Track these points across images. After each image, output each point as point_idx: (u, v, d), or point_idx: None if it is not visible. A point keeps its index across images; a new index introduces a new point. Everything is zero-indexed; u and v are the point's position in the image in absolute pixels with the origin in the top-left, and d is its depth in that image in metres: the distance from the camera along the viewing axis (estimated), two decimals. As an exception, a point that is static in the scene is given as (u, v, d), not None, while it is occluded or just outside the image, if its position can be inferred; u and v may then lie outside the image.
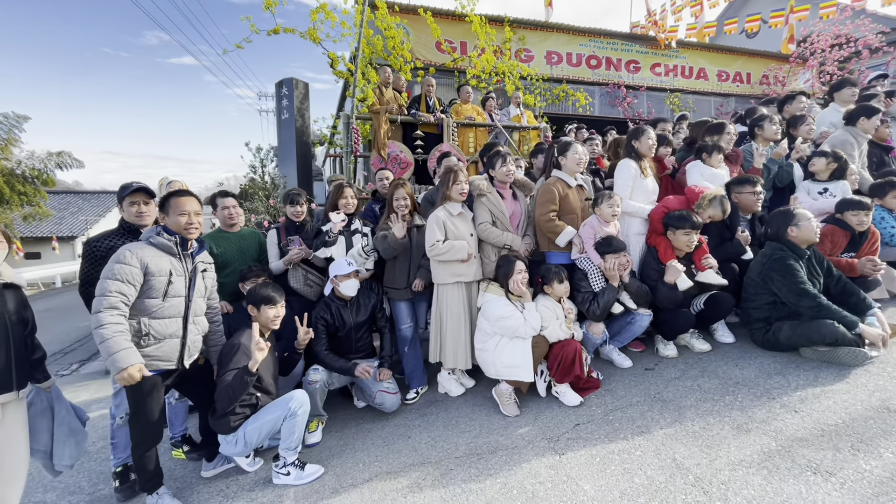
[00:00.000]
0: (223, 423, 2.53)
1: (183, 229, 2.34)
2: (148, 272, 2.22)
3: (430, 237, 3.14)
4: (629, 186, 3.29)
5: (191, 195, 2.42)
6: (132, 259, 2.18)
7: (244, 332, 2.62)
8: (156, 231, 2.34)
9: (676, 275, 2.95)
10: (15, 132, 17.89)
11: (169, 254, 2.31)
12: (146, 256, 2.23)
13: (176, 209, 2.33)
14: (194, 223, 2.37)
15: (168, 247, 2.31)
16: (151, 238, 2.30)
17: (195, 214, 2.38)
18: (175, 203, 2.34)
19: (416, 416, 3.10)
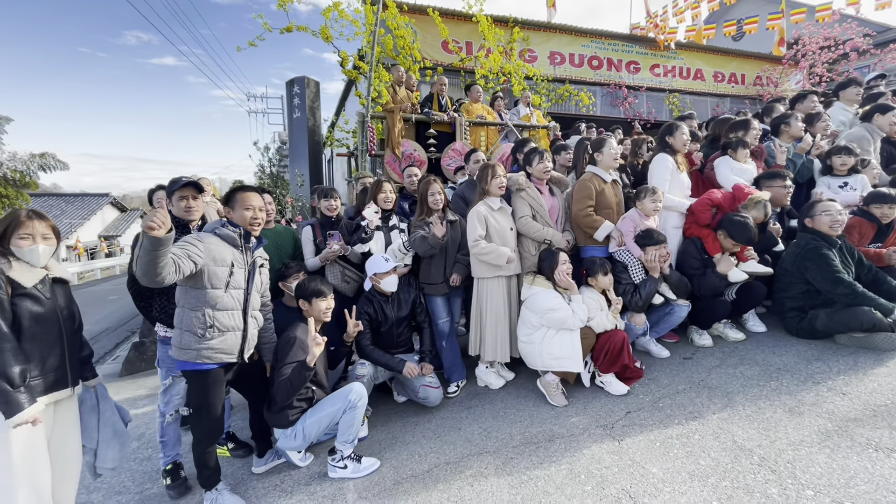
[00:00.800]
0: (281, 417, 2.53)
1: (247, 224, 2.36)
2: (213, 259, 2.23)
3: (472, 232, 3.17)
4: (667, 180, 3.38)
5: (256, 191, 2.43)
6: (197, 241, 2.19)
7: (298, 327, 2.62)
8: (220, 223, 2.34)
9: (730, 266, 3.04)
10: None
11: (232, 245, 2.32)
12: (211, 244, 2.24)
13: (242, 203, 2.35)
14: (258, 218, 2.39)
15: (232, 238, 2.31)
16: (217, 229, 2.31)
17: (259, 210, 2.39)
18: (241, 198, 2.36)
19: (461, 408, 3.12)
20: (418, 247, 3.22)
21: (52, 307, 2.04)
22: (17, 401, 1.83)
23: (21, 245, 1.94)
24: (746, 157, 3.65)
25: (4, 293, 1.87)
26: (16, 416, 1.82)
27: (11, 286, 1.91)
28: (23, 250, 1.95)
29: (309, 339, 2.45)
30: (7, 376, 1.83)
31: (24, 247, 1.95)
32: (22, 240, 1.95)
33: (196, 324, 2.20)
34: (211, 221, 2.43)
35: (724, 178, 3.57)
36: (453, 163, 6.50)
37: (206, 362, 2.24)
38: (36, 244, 1.98)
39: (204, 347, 2.21)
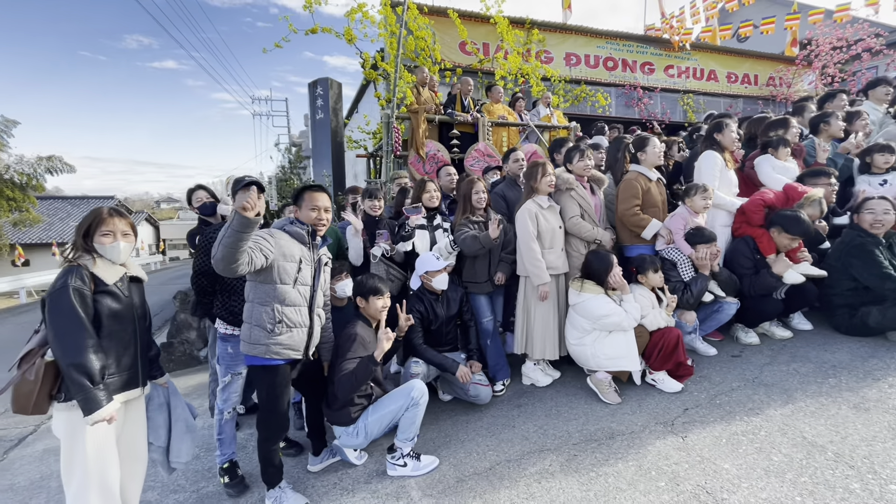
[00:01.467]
0: (343, 414, 2.53)
1: (313, 222, 2.38)
2: (282, 254, 2.25)
3: (523, 229, 3.18)
4: (716, 178, 3.38)
5: (324, 191, 2.45)
6: (268, 236, 2.22)
7: (357, 324, 2.63)
8: (289, 220, 2.36)
9: (786, 268, 3.05)
10: (3, 137, 17.51)
11: (300, 242, 2.34)
12: (281, 240, 2.26)
13: (309, 203, 2.37)
14: (323, 219, 2.42)
15: (300, 235, 2.34)
16: (286, 226, 2.34)
17: (325, 210, 2.42)
18: (308, 197, 2.38)
19: (511, 406, 3.13)
20: (468, 246, 3.23)
21: (129, 305, 2.05)
22: (97, 398, 1.84)
23: (104, 242, 1.96)
24: (787, 155, 3.67)
25: (88, 289, 1.89)
26: (94, 414, 1.83)
27: (94, 283, 1.92)
28: (105, 247, 1.96)
29: (379, 333, 2.47)
30: (88, 372, 1.84)
31: (107, 244, 1.96)
32: (104, 237, 1.96)
33: (265, 318, 2.22)
34: (278, 220, 2.45)
35: (767, 176, 3.58)
36: (476, 163, 6.51)
37: (275, 358, 2.25)
38: (117, 241, 1.99)
39: (273, 343, 2.22)
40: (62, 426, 1.94)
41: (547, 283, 3.15)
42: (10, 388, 1.85)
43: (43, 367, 1.86)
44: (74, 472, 1.95)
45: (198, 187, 3.48)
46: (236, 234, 1.91)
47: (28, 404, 1.85)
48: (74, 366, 1.81)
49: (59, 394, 1.91)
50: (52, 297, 1.82)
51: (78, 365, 1.81)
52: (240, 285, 2.55)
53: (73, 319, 1.82)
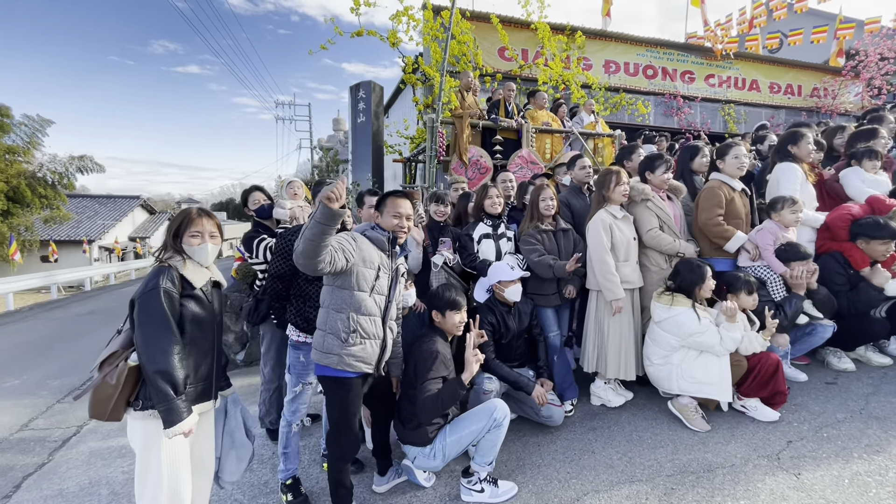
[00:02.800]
0: (420, 434, 2.37)
1: (394, 229, 2.26)
2: (362, 259, 2.13)
3: (597, 241, 3.00)
4: (797, 191, 3.16)
5: (407, 198, 2.33)
6: (350, 238, 2.10)
7: (436, 340, 2.46)
8: (370, 226, 2.24)
9: (886, 279, 2.81)
10: (38, 136, 17.97)
11: (380, 248, 2.21)
12: (362, 244, 2.14)
13: (391, 209, 2.26)
14: (405, 226, 2.29)
15: (381, 241, 2.21)
16: (366, 231, 2.23)
17: (407, 218, 2.29)
18: (391, 203, 2.27)
19: (585, 429, 2.92)
20: (541, 271, 3.07)
21: (211, 311, 1.94)
22: (179, 409, 1.73)
23: (192, 243, 1.85)
24: (877, 167, 3.42)
25: (177, 292, 1.77)
26: (175, 427, 1.71)
27: (182, 285, 1.80)
28: (193, 248, 1.86)
29: (467, 354, 2.30)
30: (173, 381, 1.72)
31: (196, 245, 1.86)
32: (193, 237, 1.85)
33: (340, 326, 2.08)
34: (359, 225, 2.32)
35: (856, 190, 3.34)
36: (519, 170, 6.35)
37: (347, 370, 2.11)
38: (205, 242, 1.88)
39: (346, 353, 2.09)
40: (138, 436, 1.82)
41: (621, 299, 2.95)
42: (90, 392, 1.73)
43: (126, 370, 1.75)
44: (147, 485, 1.84)
45: (254, 189, 3.37)
46: (320, 226, 1.80)
47: (105, 410, 1.74)
48: (161, 373, 1.70)
49: (137, 401, 1.79)
50: (143, 298, 1.71)
51: (164, 372, 1.70)
52: (315, 291, 2.42)
53: (162, 324, 1.71)
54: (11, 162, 16.82)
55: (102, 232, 25.69)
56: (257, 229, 3.33)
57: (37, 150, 17.95)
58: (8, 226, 16.22)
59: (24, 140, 17.36)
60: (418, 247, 3.33)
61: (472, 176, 6.29)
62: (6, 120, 16.36)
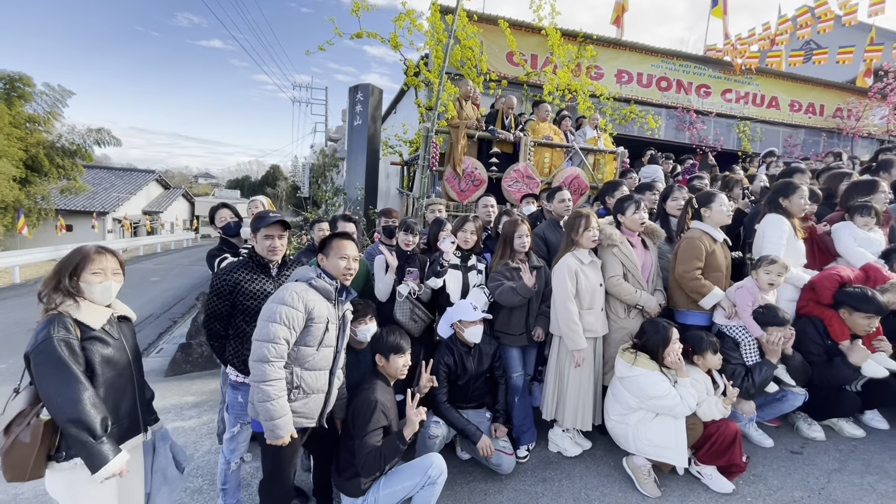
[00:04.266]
0: (353, 484, 2.31)
1: (341, 274, 2.18)
2: (311, 317, 2.05)
3: (561, 287, 2.89)
4: (782, 247, 3.00)
5: (351, 239, 2.25)
6: (298, 302, 2.01)
7: (375, 387, 2.38)
8: (315, 273, 2.15)
9: (864, 358, 2.65)
10: (59, 106, 18.20)
11: (327, 298, 2.13)
12: (310, 300, 2.06)
13: (338, 252, 2.18)
14: (352, 269, 2.22)
15: (328, 292, 2.13)
16: (313, 280, 2.12)
17: (354, 260, 2.22)
18: (337, 246, 2.19)
19: (535, 480, 2.85)
20: (506, 298, 2.96)
21: (122, 347, 1.89)
22: (102, 453, 1.68)
23: (93, 281, 1.79)
24: (870, 224, 3.22)
25: (74, 337, 1.71)
26: (102, 470, 1.67)
27: (80, 329, 1.75)
28: (93, 287, 1.79)
29: (409, 411, 2.25)
30: (89, 427, 1.67)
31: (95, 283, 1.80)
32: (94, 275, 1.79)
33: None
34: (300, 269, 2.23)
35: (847, 249, 3.16)
36: (514, 184, 6.22)
37: None
38: (108, 280, 1.83)
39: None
40: (60, 488, 1.79)
41: (583, 349, 2.85)
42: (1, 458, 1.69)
43: (41, 426, 1.71)
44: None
45: (221, 206, 3.32)
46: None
47: (25, 470, 1.69)
48: (73, 422, 1.65)
49: (59, 452, 1.75)
50: (37, 351, 1.65)
51: (77, 421, 1.65)
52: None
53: (63, 371, 1.65)
54: (32, 131, 17.11)
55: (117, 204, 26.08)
56: (222, 247, 3.29)
57: (56, 121, 18.25)
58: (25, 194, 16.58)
59: (45, 110, 17.65)
60: (391, 272, 3.25)
61: (465, 188, 6.17)
62: (27, 89, 16.61)
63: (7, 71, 16.31)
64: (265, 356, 1.89)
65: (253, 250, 2.38)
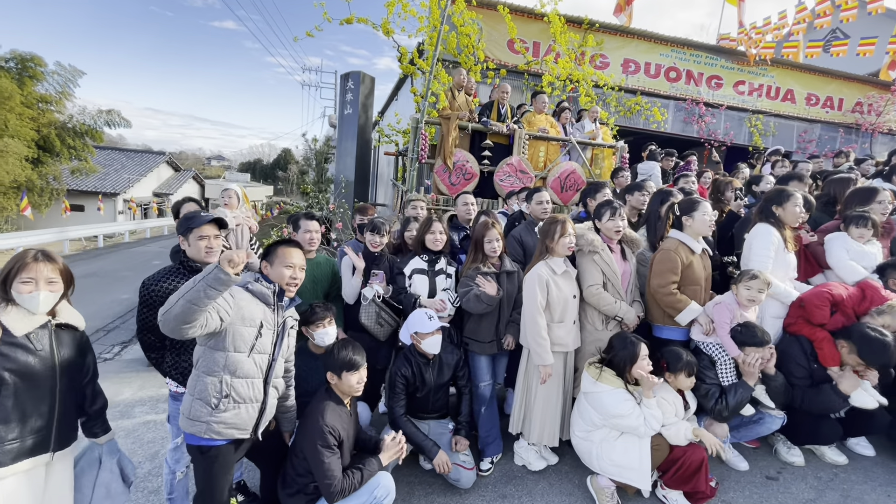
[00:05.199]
0: (297, 500, 2.24)
1: (284, 282, 2.10)
2: (241, 317, 1.96)
3: (530, 298, 2.74)
4: (770, 258, 2.80)
5: (299, 247, 2.19)
6: (228, 294, 1.91)
7: (326, 407, 2.25)
8: (254, 277, 2.08)
9: (855, 386, 2.47)
10: (70, 86, 18.25)
11: (264, 303, 2.05)
12: (242, 300, 1.97)
13: (283, 260, 2.10)
14: (297, 278, 2.14)
15: (265, 295, 2.05)
16: (249, 284, 2.04)
17: (300, 269, 2.15)
18: (283, 253, 2.11)
19: (495, 496, 2.75)
20: (472, 306, 2.83)
21: (48, 359, 1.79)
22: None
23: (22, 290, 1.71)
24: (866, 236, 2.99)
25: None
26: None
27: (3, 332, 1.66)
28: (22, 296, 1.71)
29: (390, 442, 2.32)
30: None
31: (24, 292, 1.71)
32: (24, 284, 1.71)
33: (211, 391, 1.93)
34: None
35: (838, 262, 2.95)
36: (507, 178, 6.03)
37: (216, 438, 1.96)
38: (38, 291, 1.73)
39: (215, 421, 1.94)
40: None
41: (550, 365, 2.71)
42: None
43: None
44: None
45: (186, 200, 3.22)
46: (208, 290, 1.68)
47: None
48: None
49: None
50: None
51: None
52: (192, 342, 2.26)
53: None
54: (44, 111, 17.22)
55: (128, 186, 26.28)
56: (185, 245, 3.20)
57: (68, 101, 18.33)
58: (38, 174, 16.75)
59: (56, 90, 17.72)
60: (357, 274, 3.13)
61: (456, 181, 6.01)
62: (39, 68, 16.65)
63: (19, 51, 16.37)
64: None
65: (184, 254, 2.27)
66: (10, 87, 14.88)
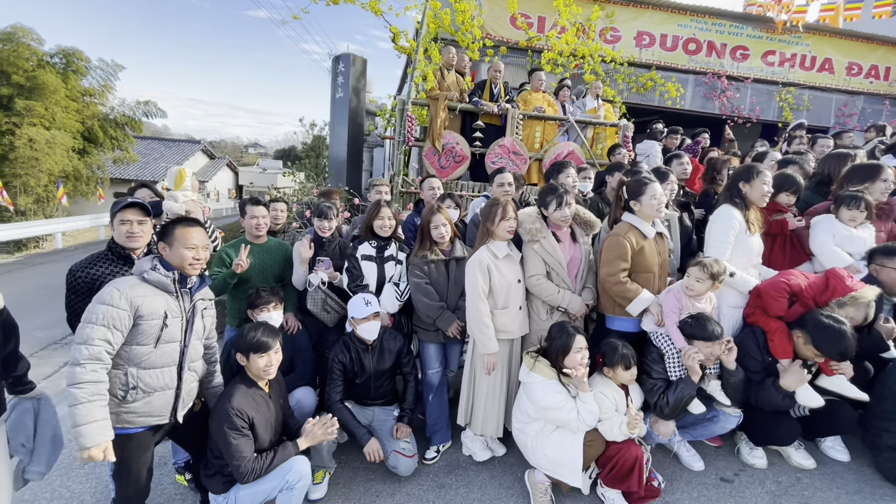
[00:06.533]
0: (215, 481, 2.25)
1: (187, 265, 2.01)
2: (139, 315, 1.91)
3: (471, 285, 2.62)
4: (728, 244, 2.55)
5: (199, 225, 2.08)
6: (121, 301, 1.87)
7: (234, 392, 2.22)
8: (151, 265, 1.99)
9: (800, 382, 2.24)
10: (111, 80, 19.12)
11: (165, 292, 1.99)
12: (137, 296, 1.90)
13: (182, 241, 1.99)
14: (201, 259, 2.04)
15: (164, 284, 1.97)
16: (145, 273, 1.96)
17: (203, 248, 2.04)
18: (181, 234, 2.00)
19: (434, 485, 2.69)
20: (423, 311, 2.81)
21: None
22: None
23: None
24: (857, 219, 2.66)
25: None
26: None
27: None
28: None
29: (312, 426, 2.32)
30: None
31: None
32: None
33: (117, 384, 1.91)
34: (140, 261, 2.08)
35: (820, 247, 2.66)
36: (499, 160, 5.83)
37: (128, 427, 1.98)
38: None
39: (124, 411, 1.94)
40: None
41: (494, 353, 2.60)
42: None
43: None
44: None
45: (140, 185, 3.27)
46: None
47: None
48: None
49: None
50: None
51: None
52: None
53: None
54: (88, 104, 18.16)
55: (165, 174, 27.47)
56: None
57: (110, 93, 19.26)
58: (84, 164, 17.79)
59: (99, 83, 18.65)
60: (303, 264, 3.11)
61: (446, 164, 5.87)
62: (82, 63, 17.52)
63: (63, 46, 17.26)
64: (76, 358, 1.79)
65: (112, 240, 2.28)
66: (56, 81, 15.67)
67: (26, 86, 15.13)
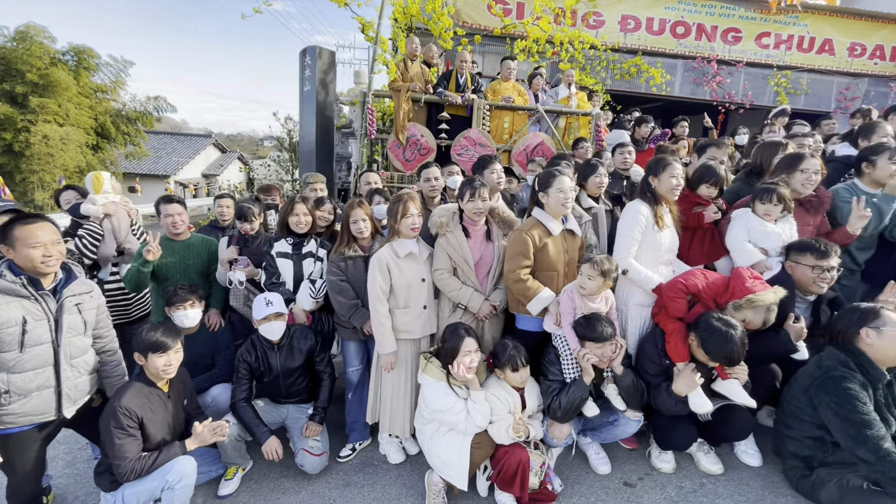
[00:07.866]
0: (104, 479, 2.28)
1: (39, 264, 1.95)
2: None
3: (371, 283, 2.59)
4: (635, 241, 2.44)
5: (44, 220, 2.00)
6: None
7: (126, 391, 2.22)
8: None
9: (691, 387, 2.15)
10: (122, 76, 19.50)
11: (18, 297, 1.95)
12: None
13: (25, 241, 1.91)
14: (53, 255, 1.98)
15: (13, 290, 1.93)
16: None
17: (53, 244, 1.98)
18: (22, 234, 1.91)
19: (339, 484, 2.68)
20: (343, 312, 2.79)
21: None
22: None
23: None
24: (773, 214, 2.50)
25: None
26: None
27: None
28: None
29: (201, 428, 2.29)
30: None
31: None
32: None
33: None
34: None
35: (733, 243, 2.53)
36: (465, 153, 5.72)
37: (10, 427, 2.02)
38: None
39: (3, 413, 1.98)
40: None
41: (391, 353, 2.56)
42: None
43: None
44: None
45: (66, 188, 3.31)
46: None
47: None
48: None
49: None
50: None
51: None
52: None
53: None
54: (101, 100, 18.57)
55: (177, 168, 27.96)
56: (74, 228, 3.31)
57: (121, 89, 19.66)
58: (98, 159, 18.24)
59: (110, 79, 19.04)
60: (222, 264, 3.13)
61: (411, 157, 5.79)
62: (93, 60, 17.89)
63: (75, 43, 17.65)
64: None
65: None
66: (68, 79, 16.04)
67: (40, 83, 15.53)
